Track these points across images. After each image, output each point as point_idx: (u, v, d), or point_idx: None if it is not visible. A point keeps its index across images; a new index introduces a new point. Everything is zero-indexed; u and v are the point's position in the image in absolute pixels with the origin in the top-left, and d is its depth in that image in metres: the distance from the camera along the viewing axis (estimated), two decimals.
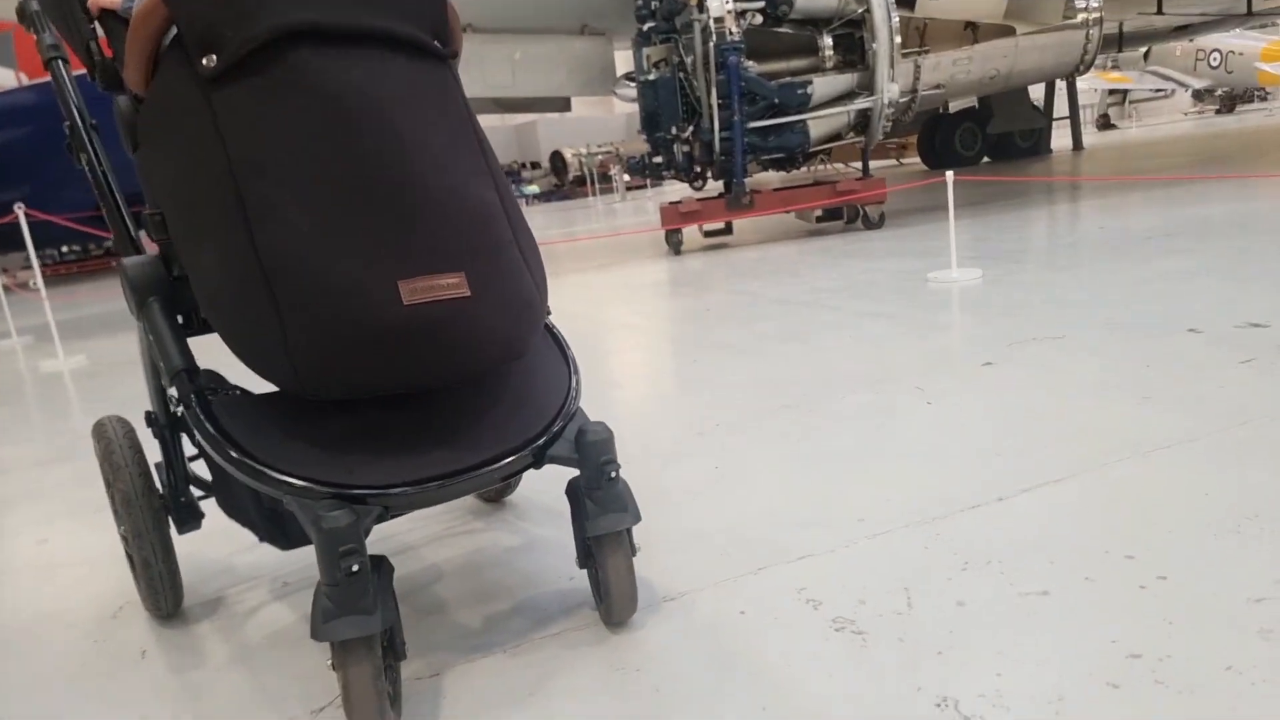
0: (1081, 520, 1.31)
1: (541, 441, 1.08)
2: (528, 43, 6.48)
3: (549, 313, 1.20)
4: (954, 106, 7.17)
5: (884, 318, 3.00)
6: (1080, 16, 5.87)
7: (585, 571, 1.28)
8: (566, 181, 24.07)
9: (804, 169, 6.43)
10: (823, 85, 5.79)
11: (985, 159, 12.37)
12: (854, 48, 6.03)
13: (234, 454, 0.98)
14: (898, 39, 5.70)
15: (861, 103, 5.84)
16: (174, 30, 1.03)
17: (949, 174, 3.59)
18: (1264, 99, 22.77)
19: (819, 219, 6.11)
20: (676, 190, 16.63)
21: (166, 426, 1.26)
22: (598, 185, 22.29)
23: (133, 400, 3.05)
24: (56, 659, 1.28)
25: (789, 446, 1.81)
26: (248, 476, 0.97)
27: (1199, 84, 19.13)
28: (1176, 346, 2.15)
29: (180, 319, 1.17)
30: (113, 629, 1.35)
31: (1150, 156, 10.03)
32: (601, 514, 1.09)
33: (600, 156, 23.08)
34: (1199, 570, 1.12)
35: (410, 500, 0.98)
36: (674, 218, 6.11)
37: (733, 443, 1.88)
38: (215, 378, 1.10)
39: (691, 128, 6.01)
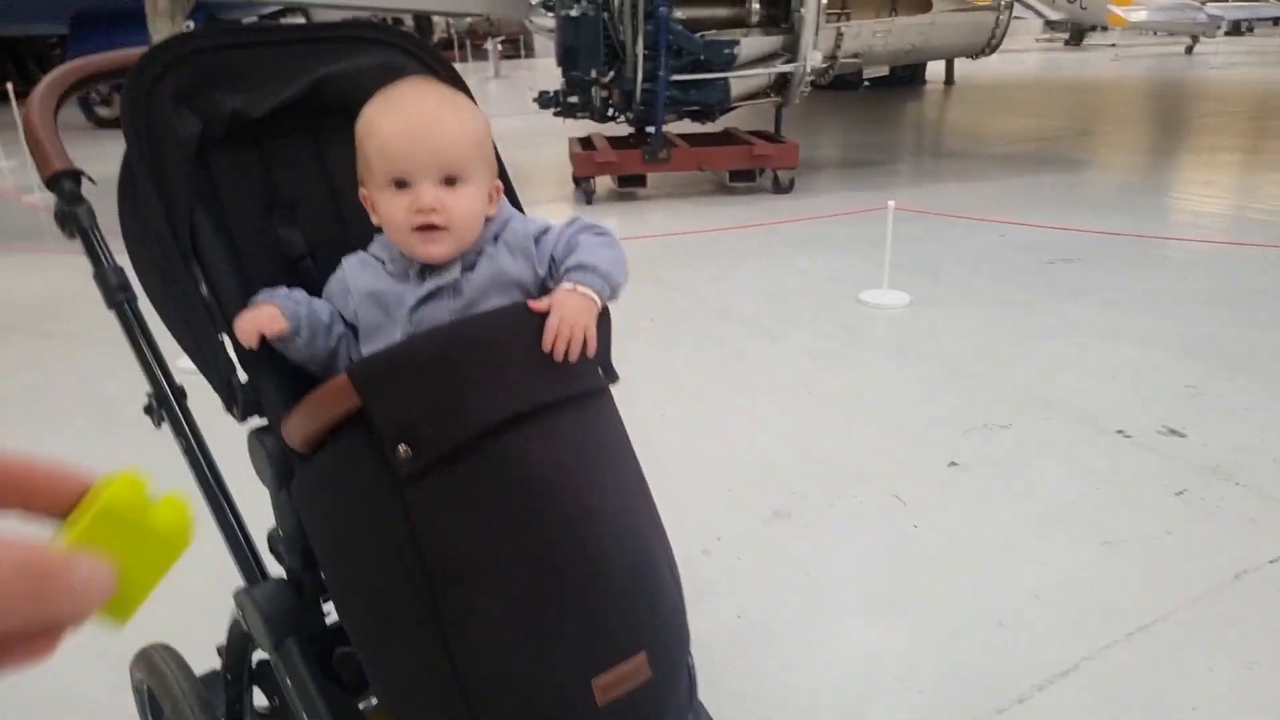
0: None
1: None
2: None
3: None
4: (867, 74, 7.20)
5: (823, 357, 3.17)
6: (992, 1, 6.02)
7: None
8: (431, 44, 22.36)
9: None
10: (749, 46, 5.69)
11: (865, 83, 12.61)
12: (779, 3, 5.92)
13: None
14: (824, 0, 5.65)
15: (784, 66, 5.81)
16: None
17: (890, 204, 3.73)
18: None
19: (731, 178, 6.13)
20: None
21: None
22: (468, 52, 20.84)
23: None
24: None
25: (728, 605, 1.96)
26: None
27: (1054, 15, 20.06)
28: (1113, 460, 2.44)
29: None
30: None
31: (1021, 108, 10.60)
32: None
33: (470, 19, 21.50)
34: None
35: None
36: (587, 165, 5.95)
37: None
38: None
39: (612, 73, 5.79)
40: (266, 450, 1.02)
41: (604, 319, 1.03)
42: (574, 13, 5.62)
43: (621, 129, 6.38)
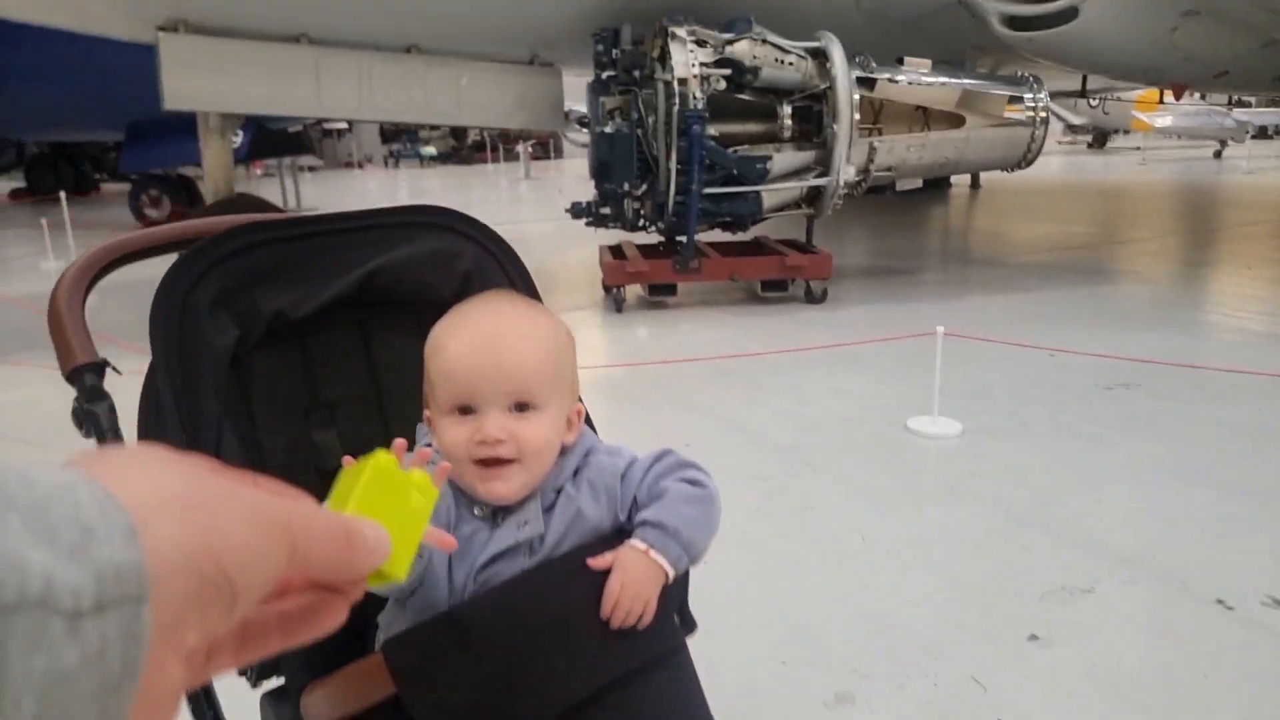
0: None
1: None
2: (474, 69, 6.01)
3: None
4: (900, 185, 7.20)
5: (874, 496, 2.93)
6: (1027, 115, 5.99)
7: None
8: (465, 146, 23.05)
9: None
10: (781, 160, 5.67)
11: (894, 189, 12.70)
12: (811, 118, 5.93)
13: None
14: (856, 115, 5.64)
15: (817, 180, 5.77)
16: None
17: (939, 329, 3.55)
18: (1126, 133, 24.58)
19: (763, 287, 6.03)
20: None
21: None
22: (501, 153, 21.41)
23: None
24: None
25: None
26: None
27: (1077, 120, 20.46)
28: (1216, 638, 2.17)
29: None
30: None
31: (1049, 213, 10.56)
32: None
33: None
34: None
35: None
36: (618, 274, 5.88)
37: None
38: None
39: (645, 185, 5.79)
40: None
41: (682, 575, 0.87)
42: (609, 129, 5.66)
43: (651, 236, 6.35)
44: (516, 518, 0.86)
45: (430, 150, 22.24)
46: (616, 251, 6.53)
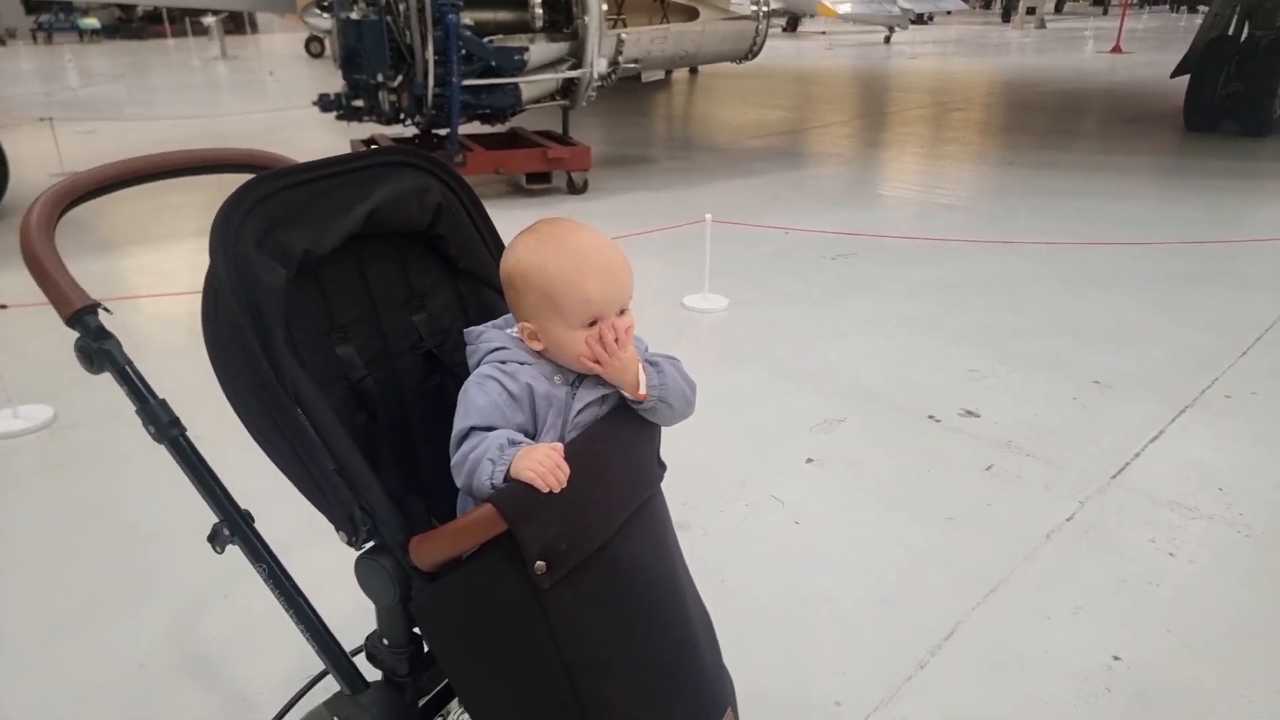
0: None
1: None
2: None
3: None
4: (646, 77, 7.52)
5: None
6: (752, 9, 6.55)
7: None
8: (137, 17, 19.77)
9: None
10: (537, 52, 5.77)
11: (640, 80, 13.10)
12: (559, 8, 6.04)
13: None
14: (604, 6, 5.85)
15: (572, 72, 5.95)
16: None
17: (708, 217, 4.03)
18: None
19: (528, 180, 6.20)
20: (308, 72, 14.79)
21: None
22: (185, 26, 18.67)
23: None
24: None
25: None
26: None
27: (776, 5, 21.99)
28: (931, 443, 2.90)
29: None
30: None
31: (763, 98, 11.54)
32: None
33: None
34: None
35: None
36: None
37: None
38: None
39: (401, 77, 5.62)
40: (387, 571, 1.10)
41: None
42: (354, 15, 5.37)
43: (404, 130, 6.20)
44: (590, 380, 1.15)
45: (91, 22, 18.87)
46: (372, 145, 6.33)
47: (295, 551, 1.45)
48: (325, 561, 1.41)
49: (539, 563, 1.01)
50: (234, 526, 1.15)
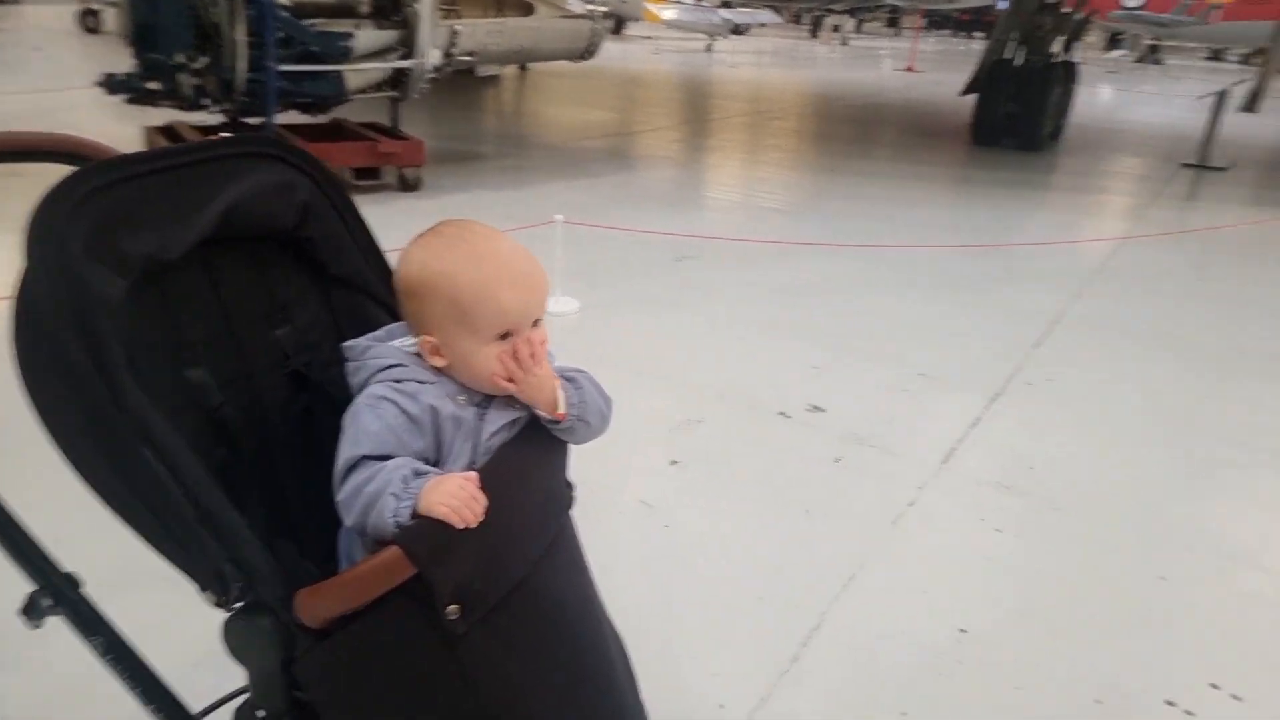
0: None
1: None
2: None
3: None
4: (481, 71, 7.34)
5: None
6: (587, 10, 6.57)
7: None
8: None
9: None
10: (365, 39, 5.49)
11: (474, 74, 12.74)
12: None
13: None
14: None
15: (403, 62, 5.72)
16: None
17: (558, 218, 4.01)
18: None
19: (356, 176, 5.89)
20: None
21: None
22: None
23: None
24: None
25: None
26: None
27: (604, 8, 22.29)
28: (784, 438, 3.04)
29: None
30: None
31: (593, 98, 11.61)
32: None
33: None
34: None
35: None
36: None
37: None
38: None
39: (206, 59, 5.17)
40: (265, 632, 0.96)
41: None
42: None
43: (210, 118, 5.72)
44: (499, 401, 1.06)
45: None
46: (170, 134, 5.79)
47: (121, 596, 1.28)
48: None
49: (451, 606, 0.93)
50: (58, 594, 0.99)
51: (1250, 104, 7.80)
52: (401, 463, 0.97)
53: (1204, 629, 2.21)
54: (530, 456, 1.08)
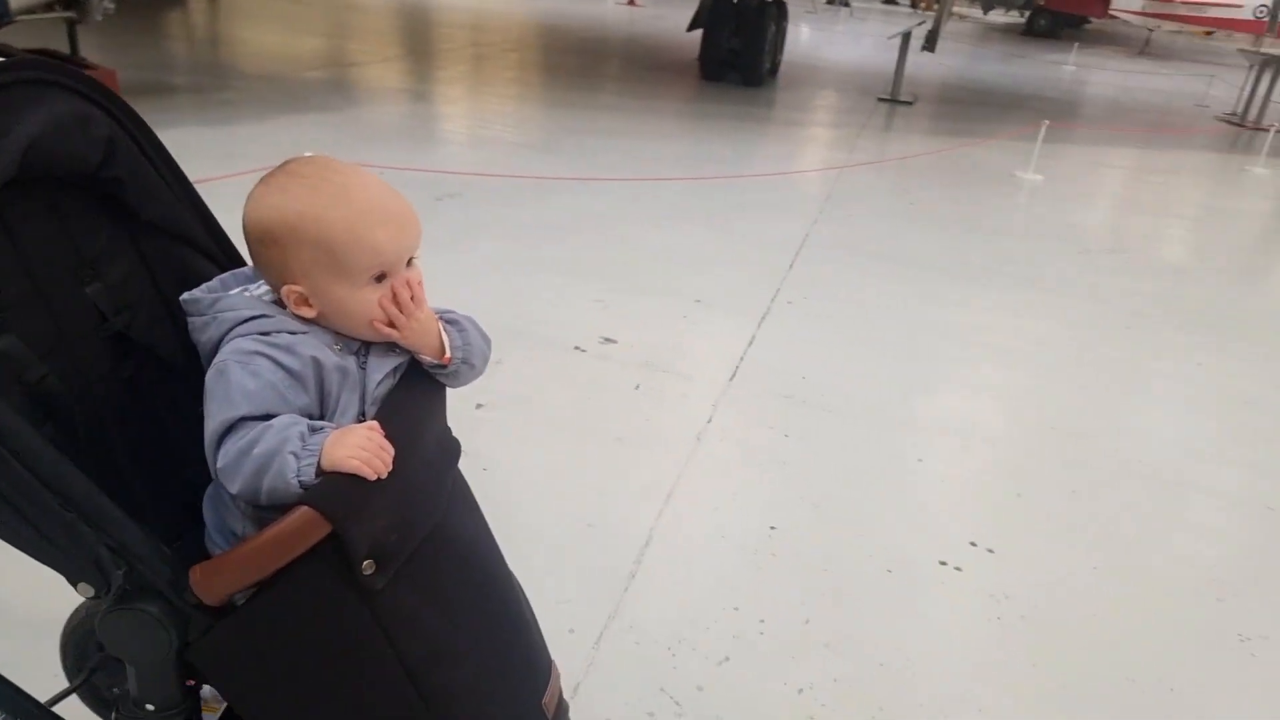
0: None
1: None
2: None
3: None
4: None
5: None
6: None
7: None
8: None
9: None
10: None
11: None
12: None
13: None
14: None
15: None
16: None
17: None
18: None
19: None
20: None
21: None
22: None
23: None
24: None
25: None
26: None
27: None
28: (587, 370, 3.10)
29: None
30: None
31: (304, 24, 10.59)
32: None
33: None
34: None
35: None
36: None
37: None
38: None
39: None
40: (156, 618, 0.88)
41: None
42: None
43: None
44: (379, 347, 1.00)
45: None
46: None
47: None
48: None
49: (366, 562, 0.89)
50: None
51: (929, 44, 8.90)
52: (290, 420, 0.91)
53: (956, 498, 2.62)
54: (419, 402, 1.04)
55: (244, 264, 1.13)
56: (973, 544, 2.37)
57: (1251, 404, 3.38)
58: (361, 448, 0.88)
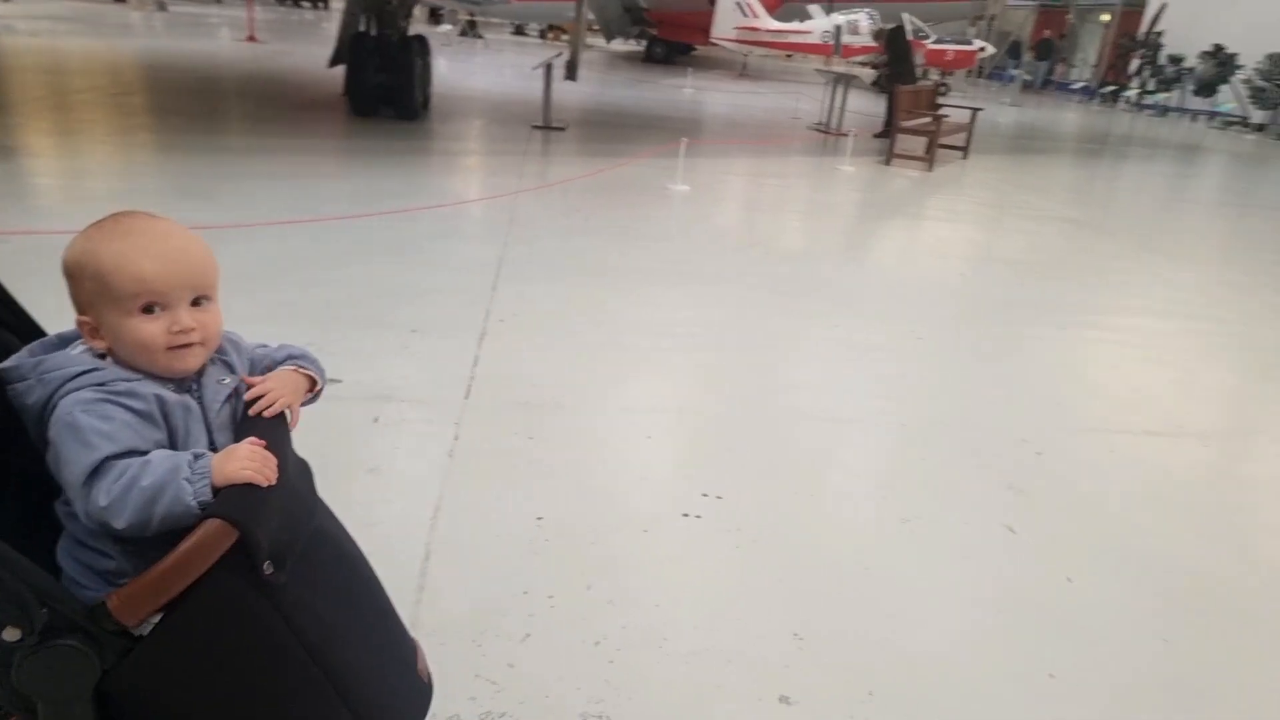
0: None
1: None
2: None
3: None
4: None
5: None
6: None
7: None
8: None
9: None
10: None
11: None
12: None
13: None
14: None
15: None
16: None
17: None
18: None
19: None
20: None
21: None
22: None
23: None
24: None
25: None
26: None
27: None
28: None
29: None
30: None
31: None
32: None
33: None
34: None
35: None
36: None
37: None
38: None
39: None
40: (78, 650, 0.94)
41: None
42: None
43: None
44: (210, 378, 1.10)
45: None
46: None
47: None
48: None
49: (267, 562, 1.00)
50: None
51: (571, 73, 9.65)
52: (167, 453, 1.00)
53: (684, 461, 3.05)
54: (272, 422, 1.15)
55: (44, 334, 1.15)
56: (704, 495, 2.80)
57: (877, 349, 4.28)
58: (250, 459, 1.00)
